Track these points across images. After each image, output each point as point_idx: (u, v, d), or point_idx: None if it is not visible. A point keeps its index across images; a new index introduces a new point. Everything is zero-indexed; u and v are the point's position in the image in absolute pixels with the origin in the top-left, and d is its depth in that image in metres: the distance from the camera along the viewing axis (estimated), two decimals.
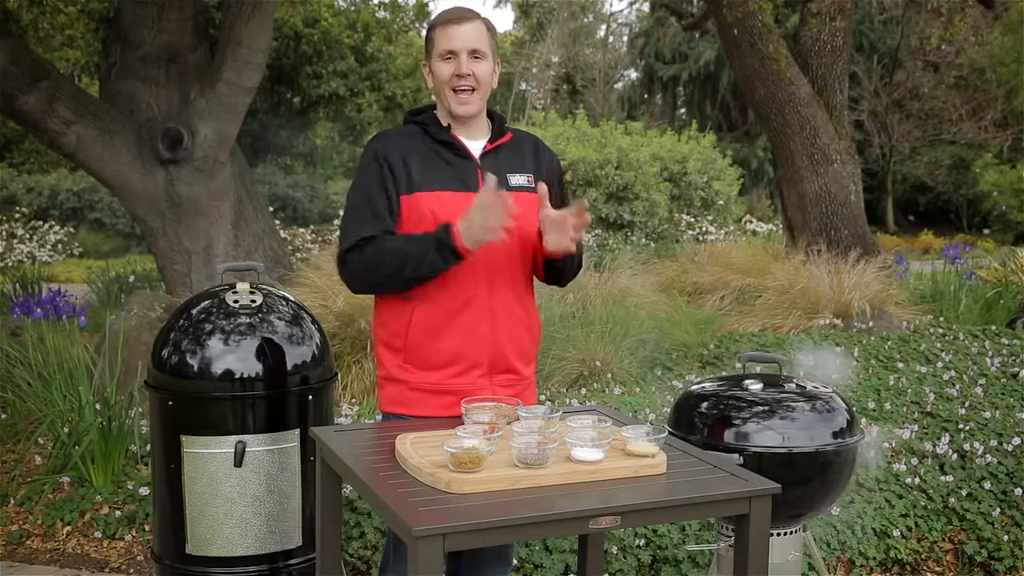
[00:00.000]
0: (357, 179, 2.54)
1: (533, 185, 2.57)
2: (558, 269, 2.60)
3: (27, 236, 16.79)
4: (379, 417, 2.70)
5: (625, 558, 3.63)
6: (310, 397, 2.88)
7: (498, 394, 2.50)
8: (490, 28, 2.56)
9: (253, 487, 2.77)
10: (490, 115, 2.64)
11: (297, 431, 2.83)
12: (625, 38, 33.75)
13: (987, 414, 4.89)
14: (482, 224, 2.30)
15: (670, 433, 2.59)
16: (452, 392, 2.50)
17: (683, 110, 29.47)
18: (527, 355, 2.63)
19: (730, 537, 2.68)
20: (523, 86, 30.78)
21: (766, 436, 2.60)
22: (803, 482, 2.62)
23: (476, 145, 2.56)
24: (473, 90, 2.50)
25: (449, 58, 2.49)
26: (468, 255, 2.39)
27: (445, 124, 2.55)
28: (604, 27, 33.92)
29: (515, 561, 3.55)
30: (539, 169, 2.63)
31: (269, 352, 2.82)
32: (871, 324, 7.13)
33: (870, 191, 21.51)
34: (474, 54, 2.49)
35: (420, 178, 2.47)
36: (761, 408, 2.65)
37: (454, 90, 2.50)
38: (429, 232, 2.41)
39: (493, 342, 2.52)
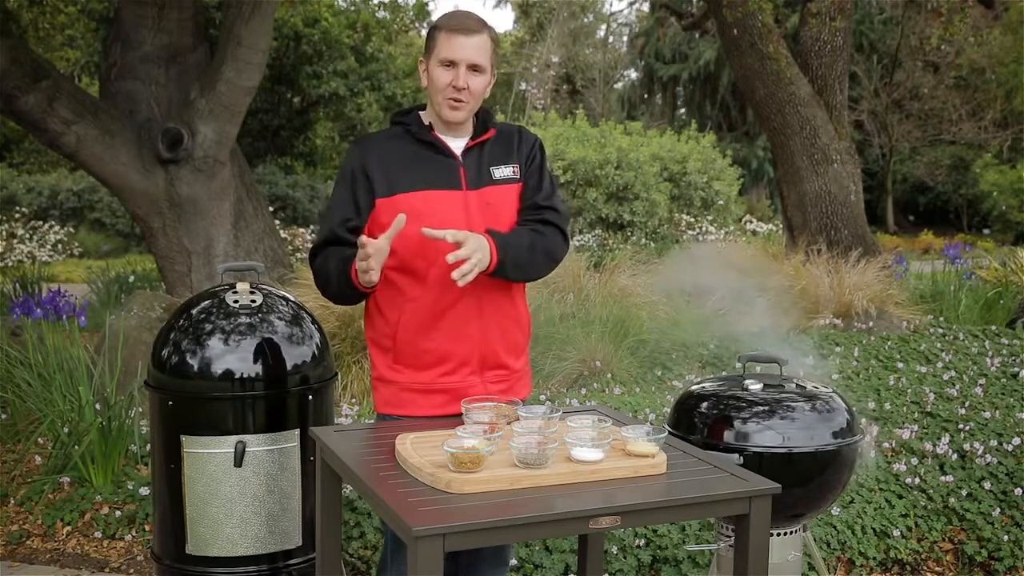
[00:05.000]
0: (334, 184, 2.58)
1: (518, 176, 2.59)
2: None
3: (27, 236, 16.78)
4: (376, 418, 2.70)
5: (625, 558, 3.63)
6: (310, 397, 2.88)
7: (489, 391, 2.51)
8: (494, 40, 2.54)
9: (253, 487, 2.77)
10: (476, 112, 2.63)
11: (297, 431, 2.83)
12: (625, 38, 33.77)
13: (987, 414, 4.89)
14: (360, 268, 2.38)
15: (670, 433, 2.59)
16: (443, 391, 2.51)
17: (683, 110, 29.46)
18: (517, 349, 2.63)
19: (730, 537, 2.68)
20: (523, 86, 30.78)
21: (766, 436, 2.60)
22: (803, 482, 2.62)
23: (458, 143, 2.57)
24: (465, 102, 2.50)
25: (448, 67, 2.48)
26: (363, 288, 2.45)
27: (427, 123, 2.56)
28: (604, 27, 33.93)
29: (515, 561, 3.55)
30: (520, 157, 2.63)
31: (269, 352, 2.82)
32: (871, 324, 7.13)
33: (870, 191, 21.51)
34: (474, 68, 2.48)
35: (402, 180, 2.49)
36: (761, 408, 2.65)
37: (447, 98, 2.49)
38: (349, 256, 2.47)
39: (482, 339, 2.53)
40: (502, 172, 2.57)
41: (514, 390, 2.60)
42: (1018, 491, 4.15)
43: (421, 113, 2.60)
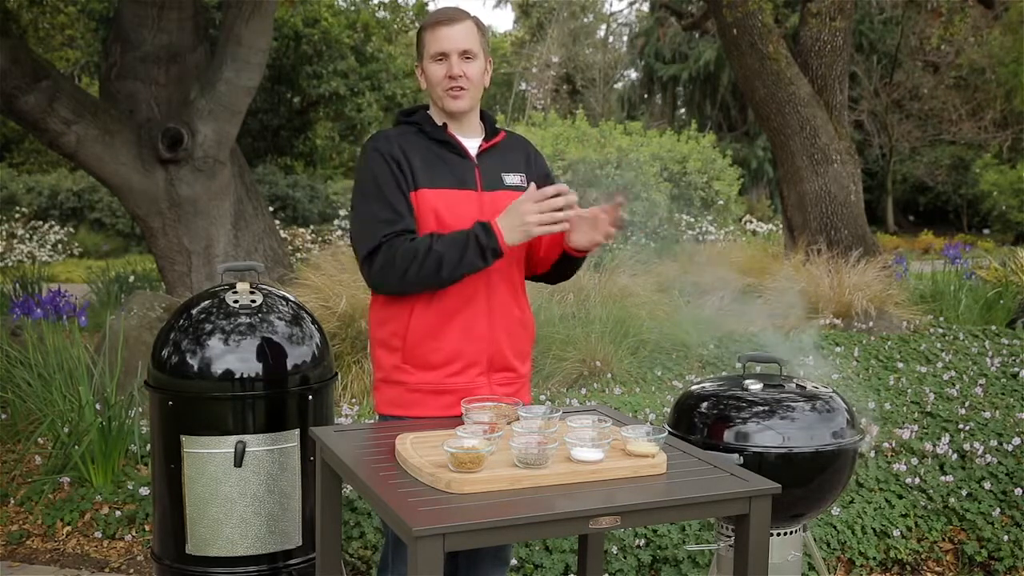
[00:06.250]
0: (364, 179, 2.50)
1: (526, 184, 2.59)
2: (573, 264, 2.64)
3: (27, 236, 16.80)
4: (376, 419, 2.69)
5: (625, 558, 3.63)
6: (310, 397, 2.88)
7: (496, 393, 2.51)
8: (480, 26, 2.57)
9: (253, 487, 2.77)
10: (481, 116, 2.65)
11: (297, 431, 2.83)
12: (625, 38, 33.75)
13: (987, 414, 4.89)
14: (535, 220, 2.34)
15: (670, 433, 2.59)
16: (451, 391, 2.50)
17: (683, 110, 29.44)
18: (524, 353, 2.64)
19: (730, 537, 2.68)
20: (523, 86, 30.77)
21: (766, 436, 2.60)
22: (803, 482, 2.62)
23: (471, 144, 2.58)
24: (465, 89, 2.52)
25: (440, 60, 2.51)
26: (509, 253, 2.42)
27: (440, 123, 2.56)
28: (604, 27, 33.93)
29: (515, 561, 3.55)
30: (531, 171, 2.66)
31: (269, 352, 2.82)
32: (871, 324, 7.13)
33: (870, 191, 21.51)
34: (465, 55, 2.51)
35: (422, 175, 2.49)
36: (761, 408, 2.65)
37: (446, 89, 2.51)
38: (463, 232, 2.39)
39: (491, 340, 2.53)
40: (511, 179, 2.59)
41: (520, 395, 2.60)
42: (1018, 491, 4.15)
43: (429, 113, 2.61)
